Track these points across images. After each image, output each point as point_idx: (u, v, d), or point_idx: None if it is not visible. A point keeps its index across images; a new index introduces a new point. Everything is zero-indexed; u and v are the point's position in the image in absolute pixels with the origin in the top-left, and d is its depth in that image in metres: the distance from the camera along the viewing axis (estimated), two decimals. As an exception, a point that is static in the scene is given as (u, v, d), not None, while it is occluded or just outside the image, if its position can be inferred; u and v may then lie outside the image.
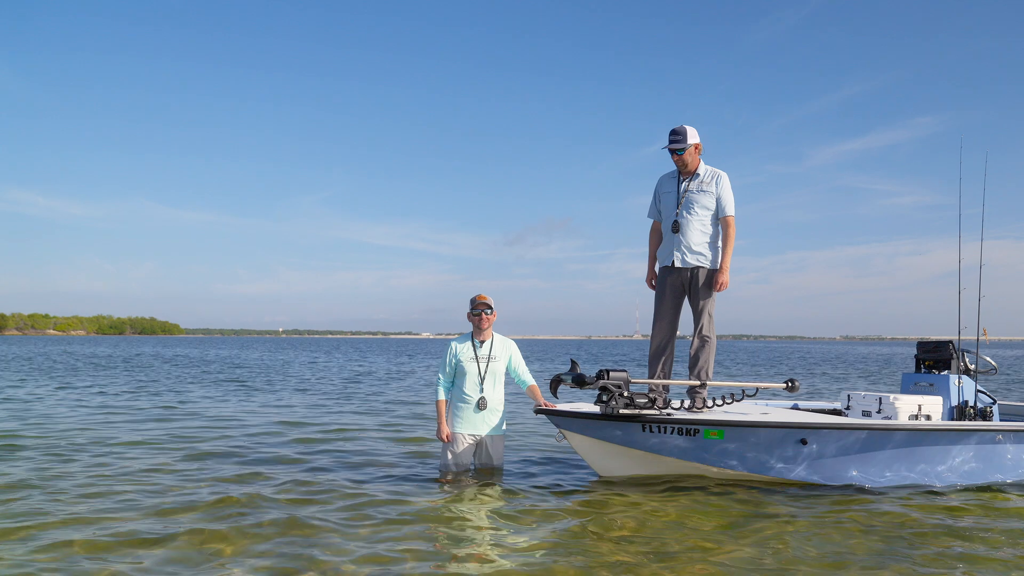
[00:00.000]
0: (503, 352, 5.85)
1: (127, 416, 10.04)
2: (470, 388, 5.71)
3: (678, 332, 6.10)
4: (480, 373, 5.72)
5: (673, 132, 5.97)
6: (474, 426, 5.72)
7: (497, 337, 5.87)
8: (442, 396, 5.79)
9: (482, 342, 5.80)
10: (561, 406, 5.61)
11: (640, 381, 5.61)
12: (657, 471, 5.65)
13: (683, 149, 5.92)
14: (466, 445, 5.73)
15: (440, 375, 5.80)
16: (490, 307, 5.76)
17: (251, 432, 8.49)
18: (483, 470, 5.77)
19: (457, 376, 5.77)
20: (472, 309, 5.78)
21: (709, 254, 5.95)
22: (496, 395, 5.77)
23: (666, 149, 5.99)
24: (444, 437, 5.72)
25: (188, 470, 6.11)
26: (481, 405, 5.69)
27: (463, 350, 5.77)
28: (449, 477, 5.69)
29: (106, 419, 9.65)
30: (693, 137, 5.94)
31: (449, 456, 5.75)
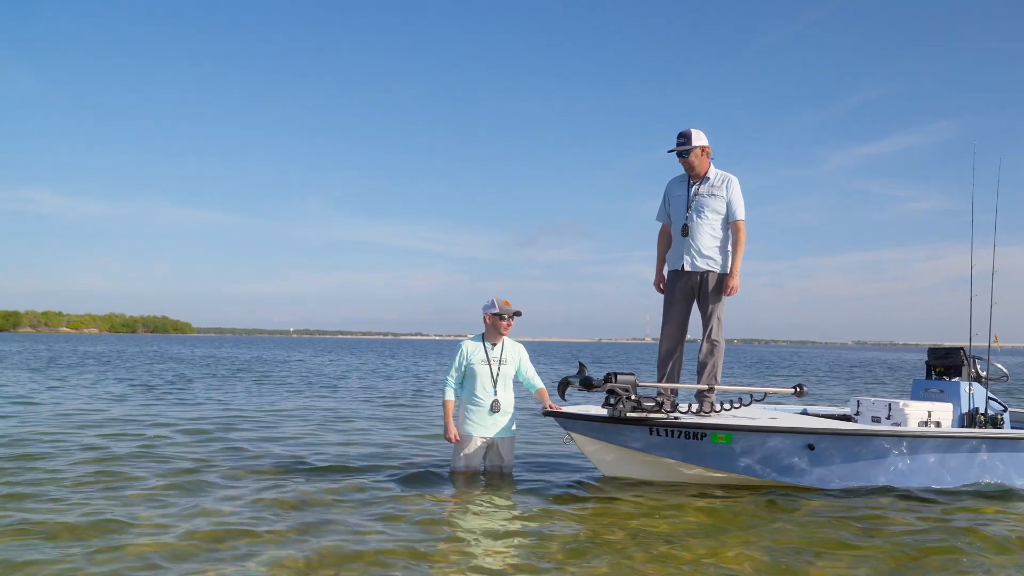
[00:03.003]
0: (514, 355, 5.86)
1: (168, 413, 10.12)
2: (482, 390, 5.72)
3: (687, 336, 6.10)
4: (492, 375, 5.73)
5: (680, 135, 5.99)
6: (486, 428, 5.73)
7: (508, 340, 5.89)
8: (450, 396, 5.78)
9: (494, 344, 5.82)
10: (569, 408, 5.63)
11: (648, 384, 5.61)
12: (664, 475, 5.65)
13: (688, 151, 5.92)
14: (477, 447, 5.74)
15: (448, 376, 5.81)
16: (519, 314, 5.79)
17: (261, 426, 8.55)
18: (493, 471, 5.79)
19: (468, 378, 5.78)
20: (500, 314, 5.76)
21: (719, 258, 5.94)
22: (507, 397, 5.78)
23: (672, 152, 5.99)
24: (451, 438, 5.73)
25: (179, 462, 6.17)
26: (494, 408, 5.70)
27: (475, 352, 5.78)
28: (459, 478, 5.71)
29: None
30: (699, 139, 5.94)
31: (460, 457, 5.77)
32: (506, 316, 5.75)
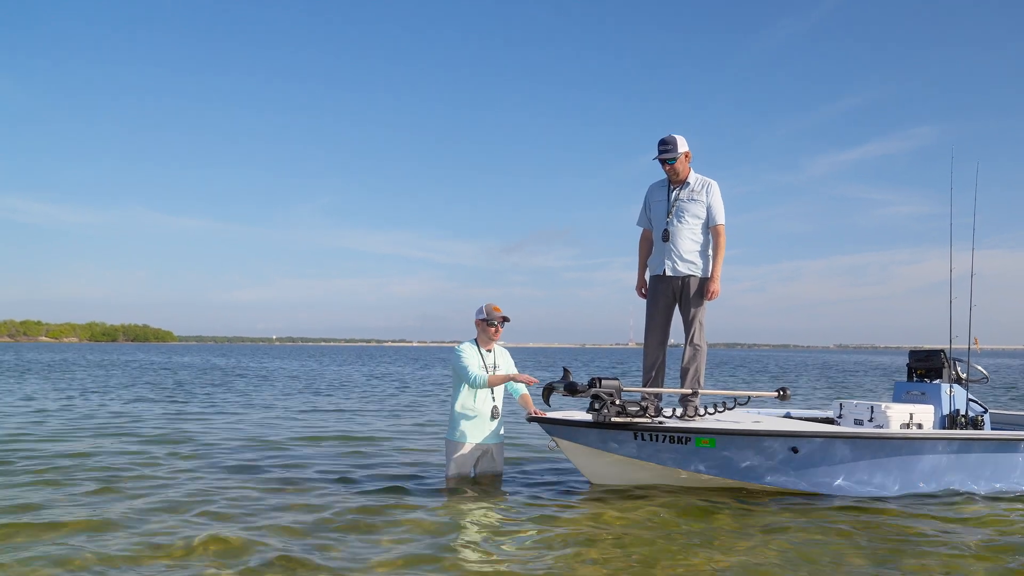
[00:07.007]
0: (504, 361, 5.87)
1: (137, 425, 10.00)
2: (482, 397, 5.68)
3: (670, 340, 6.12)
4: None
5: (662, 142, 5.99)
6: (483, 435, 5.69)
7: (497, 346, 5.88)
8: (484, 373, 5.56)
9: (488, 351, 5.80)
10: (553, 414, 5.62)
11: (632, 389, 5.61)
12: (649, 479, 5.65)
13: (674, 159, 5.94)
14: (472, 452, 5.70)
15: (470, 368, 5.56)
16: (507, 319, 5.76)
17: (249, 436, 8.46)
18: (484, 477, 5.76)
19: (466, 384, 5.69)
20: (488, 320, 5.71)
21: (700, 263, 5.97)
22: (500, 403, 5.78)
23: (657, 160, 6.01)
24: (529, 380, 5.53)
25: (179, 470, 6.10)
26: (494, 414, 5.69)
27: (476, 358, 5.75)
28: (453, 484, 5.67)
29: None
30: (683, 146, 5.96)
31: (454, 464, 5.71)
32: (494, 322, 5.72)
